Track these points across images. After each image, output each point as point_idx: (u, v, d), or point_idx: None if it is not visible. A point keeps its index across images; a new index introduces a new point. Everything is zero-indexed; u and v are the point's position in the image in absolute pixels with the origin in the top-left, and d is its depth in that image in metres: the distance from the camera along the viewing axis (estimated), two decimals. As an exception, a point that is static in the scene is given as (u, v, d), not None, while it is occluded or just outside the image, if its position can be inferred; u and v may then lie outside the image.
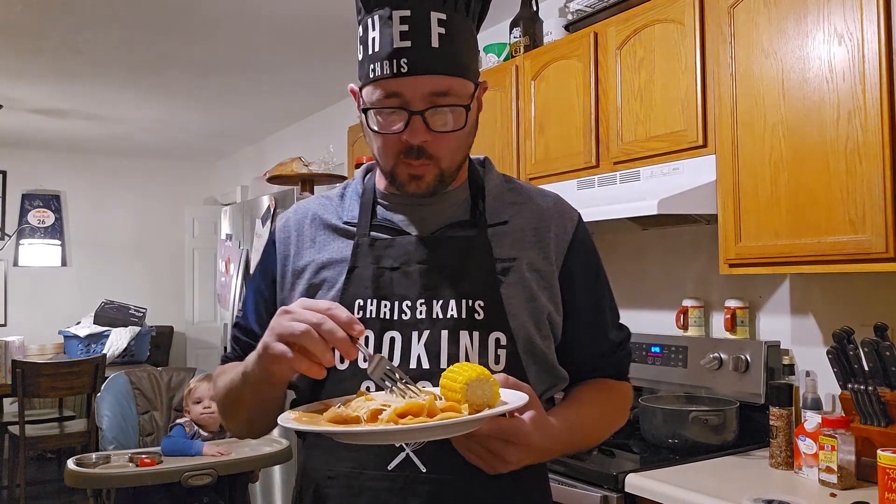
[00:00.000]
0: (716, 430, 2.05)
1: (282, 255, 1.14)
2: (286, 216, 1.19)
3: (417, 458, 0.99)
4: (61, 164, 6.69)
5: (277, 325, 0.89)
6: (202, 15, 3.37)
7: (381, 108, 0.99)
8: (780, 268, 1.89)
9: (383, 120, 1.00)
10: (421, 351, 1.01)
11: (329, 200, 1.16)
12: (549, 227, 1.11)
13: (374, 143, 1.04)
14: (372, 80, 0.98)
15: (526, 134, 2.67)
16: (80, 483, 2.43)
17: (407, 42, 0.96)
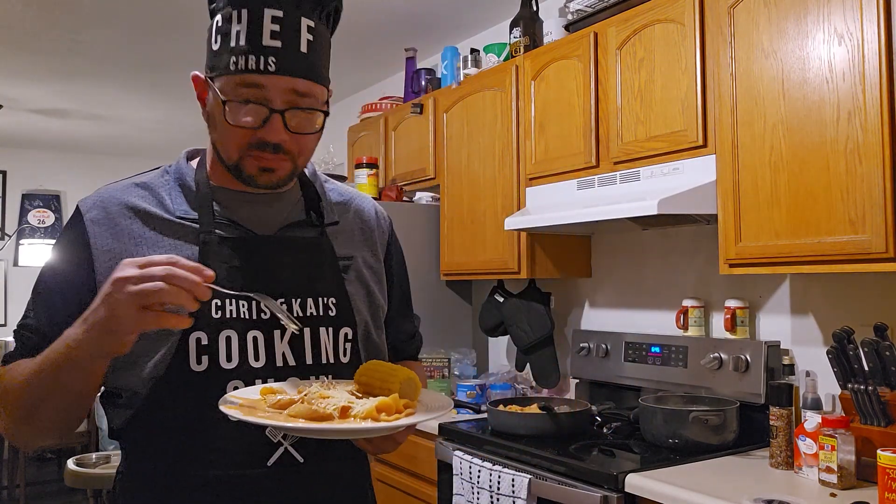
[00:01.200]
0: (716, 430, 2.05)
1: (100, 250, 1.02)
2: (93, 207, 1.05)
3: (295, 450, 1.02)
4: (61, 164, 6.69)
5: (124, 291, 0.83)
6: (202, 15, 3.37)
7: (241, 100, 0.98)
8: (780, 268, 1.89)
9: (236, 112, 0.99)
10: (285, 349, 1.04)
11: (146, 191, 1.07)
12: (373, 227, 1.21)
13: (222, 134, 1.02)
14: (234, 71, 0.97)
15: (526, 134, 2.67)
16: (80, 483, 2.43)
17: (277, 42, 0.97)
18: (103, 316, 0.86)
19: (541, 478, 2.02)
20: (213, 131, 1.04)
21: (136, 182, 1.09)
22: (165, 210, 1.06)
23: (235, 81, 0.98)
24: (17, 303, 6.43)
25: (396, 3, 3.25)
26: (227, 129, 1.00)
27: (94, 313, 0.87)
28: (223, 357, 1.00)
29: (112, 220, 1.04)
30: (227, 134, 1.01)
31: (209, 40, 1.01)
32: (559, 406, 2.38)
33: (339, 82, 4.53)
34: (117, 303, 0.84)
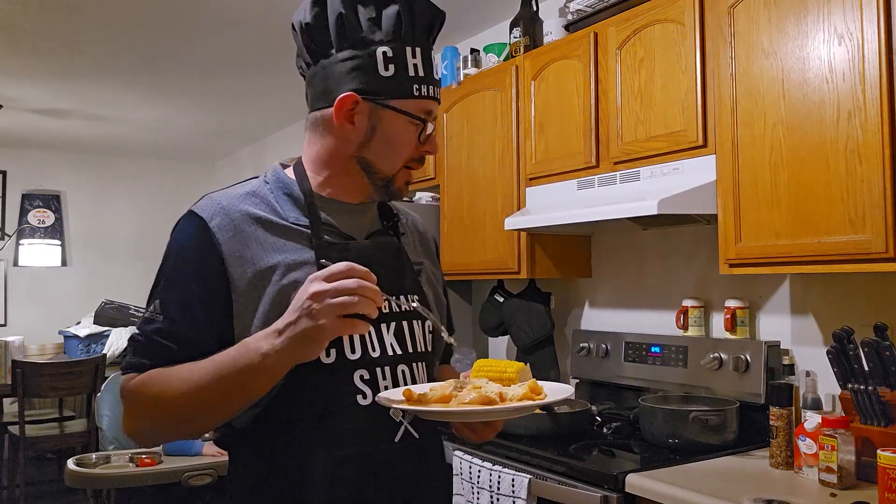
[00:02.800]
0: (716, 430, 2.05)
1: (233, 256, 1.10)
2: (215, 215, 1.13)
3: (412, 428, 1.16)
4: (61, 164, 6.69)
5: (325, 304, 0.96)
6: (202, 15, 3.37)
7: (424, 120, 1.16)
8: (780, 268, 1.89)
9: (409, 131, 1.16)
10: (392, 340, 1.18)
11: (257, 199, 1.17)
12: (427, 239, 1.37)
13: (395, 149, 1.17)
14: (418, 96, 1.15)
15: (526, 134, 2.67)
16: (80, 483, 2.43)
17: (438, 77, 1.21)
18: (307, 327, 0.97)
19: (541, 478, 2.02)
20: (371, 147, 1.16)
21: (245, 191, 1.18)
22: (279, 216, 1.15)
23: (419, 105, 1.16)
24: (18, 303, 6.44)
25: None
26: (403, 143, 1.16)
27: (294, 325, 0.98)
28: (348, 349, 1.12)
29: (237, 228, 1.12)
30: (402, 149, 1.17)
31: (371, 67, 1.13)
32: (559, 406, 2.38)
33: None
34: (320, 314, 0.96)
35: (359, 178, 1.19)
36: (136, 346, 1.11)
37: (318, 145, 1.20)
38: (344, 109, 1.14)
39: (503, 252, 2.76)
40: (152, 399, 1.07)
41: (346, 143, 1.16)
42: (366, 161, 1.17)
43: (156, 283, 1.17)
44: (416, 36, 1.16)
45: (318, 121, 1.19)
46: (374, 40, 1.14)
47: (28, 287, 6.49)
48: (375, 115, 1.15)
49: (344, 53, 1.14)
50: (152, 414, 1.09)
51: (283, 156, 4.72)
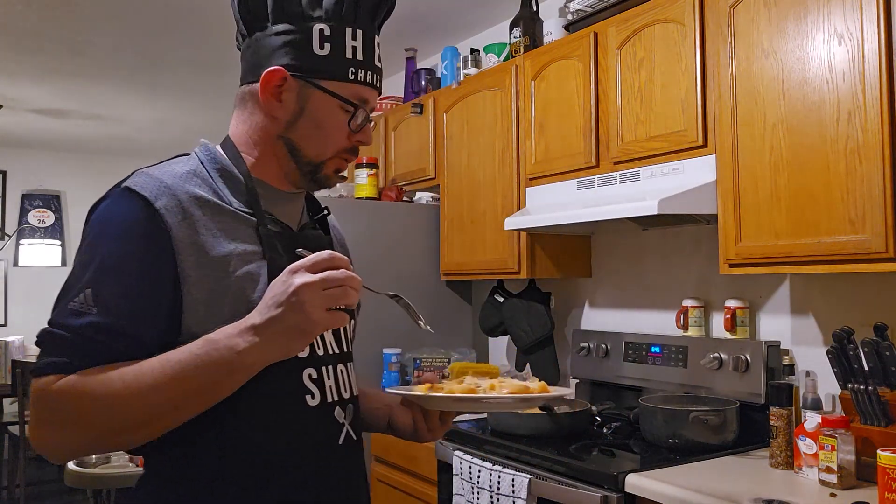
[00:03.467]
0: (716, 430, 2.05)
1: (183, 242, 0.99)
2: (160, 195, 1.01)
3: (352, 430, 1.13)
4: (61, 164, 6.69)
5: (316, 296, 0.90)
6: (202, 15, 3.38)
7: (357, 107, 1.09)
8: (780, 268, 1.89)
9: (339, 117, 1.09)
10: (331, 338, 1.14)
11: (198, 179, 1.06)
12: (341, 234, 1.32)
13: (325, 133, 1.09)
14: (353, 81, 1.08)
15: (526, 134, 2.67)
16: (80, 483, 2.43)
17: (380, 64, 1.13)
18: (295, 321, 0.91)
19: (541, 478, 2.02)
20: (297, 129, 1.08)
21: (186, 170, 1.08)
22: (222, 200, 1.06)
23: (352, 90, 1.08)
24: (18, 303, 6.44)
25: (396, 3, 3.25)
26: (333, 129, 1.09)
27: (279, 320, 0.91)
28: None
29: (186, 211, 1.01)
30: (331, 134, 1.09)
31: (305, 43, 1.06)
32: (559, 406, 2.38)
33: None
34: (311, 307, 0.90)
35: (286, 163, 1.10)
36: (57, 342, 0.94)
37: (246, 123, 1.12)
38: (271, 84, 1.07)
39: (503, 252, 2.76)
40: (86, 406, 0.92)
41: (273, 122, 1.09)
42: (292, 143, 1.09)
43: (81, 269, 0.99)
44: (359, 17, 1.09)
45: (246, 96, 1.13)
46: (312, 16, 1.07)
47: (28, 287, 6.49)
48: (304, 95, 1.07)
49: (279, 27, 1.08)
50: (82, 423, 0.93)
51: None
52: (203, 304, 0.98)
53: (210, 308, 0.98)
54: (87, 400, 0.92)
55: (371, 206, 3.14)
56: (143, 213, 0.99)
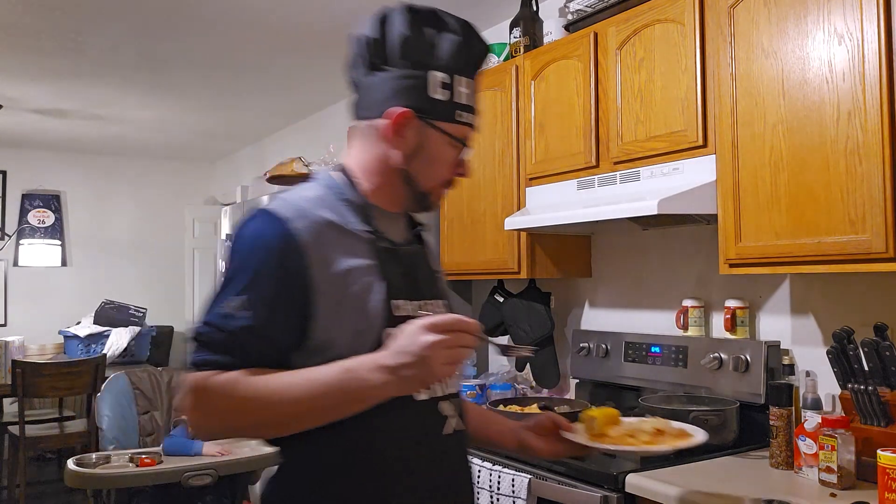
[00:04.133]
0: (716, 431, 2.05)
1: (316, 258, 1.16)
2: (296, 217, 1.17)
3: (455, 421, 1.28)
4: (61, 164, 6.69)
5: (440, 354, 1.04)
6: (202, 15, 3.37)
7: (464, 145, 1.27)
8: (780, 268, 1.89)
9: (448, 153, 1.26)
10: None
11: (325, 204, 1.23)
12: (433, 248, 1.44)
13: (435, 167, 1.26)
14: (460, 123, 1.25)
15: (526, 134, 2.67)
16: (80, 483, 2.43)
17: (478, 106, 1.29)
18: (420, 373, 1.06)
19: (541, 478, 2.02)
20: (414, 162, 1.24)
21: (315, 195, 1.24)
22: (345, 222, 1.22)
23: (459, 130, 1.25)
24: (18, 303, 6.44)
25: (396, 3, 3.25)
26: (442, 163, 1.26)
27: (408, 368, 1.05)
28: None
29: (318, 231, 1.17)
30: (441, 168, 1.27)
31: (423, 88, 1.22)
32: (559, 406, 2.38)
33: (339, 82, 4.52)
34: (435, 362, 1.05)
35: (399, 189, 1.27)
36: (214, 341, 1.12)
37: (367, 154, 1.27)
38: (398, 122, 1.22)
39: (503, 252, 2.76)
40: (238, 402, 1.10)
41: (395, 155, 1.24)
42: (409, 174, 1.25)
43: (233, 279, 1.16)
44: (468, 67, 1.25)
45: (368, 130, 1.26)
46: (430, 64, 1.22)
47: (28, 287, 6.49)
48: (423, 133, 1.23)
49: (402, 71, 1.22)
50: (239, 416, 1.12)
51: (284, 156, 4.72)
52: (330, 315, 1.15)
53: (334, 317, 1.15)
54: (245, 398, 1.10)
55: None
56: (282, 232, 1.16)
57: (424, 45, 1.22)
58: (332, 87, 4.59)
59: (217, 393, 1.10)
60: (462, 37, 1.24)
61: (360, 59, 1.26)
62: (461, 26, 1.25)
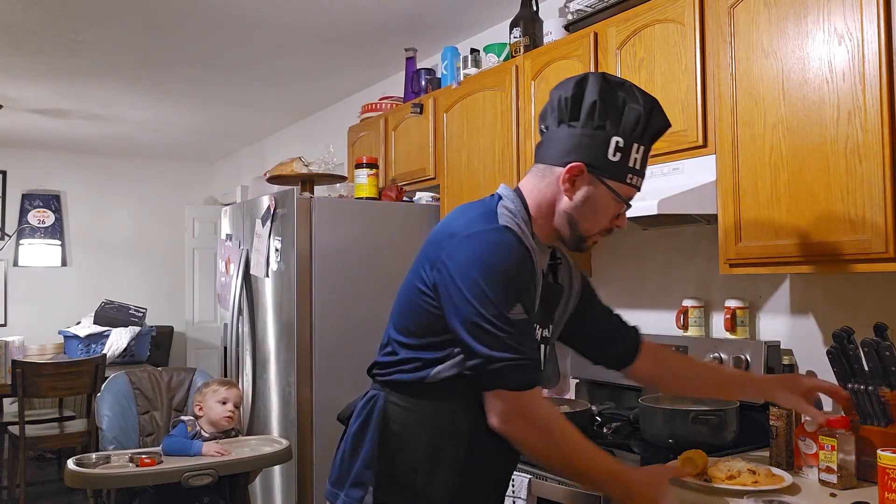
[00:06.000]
0: (716, 430, 2.05)
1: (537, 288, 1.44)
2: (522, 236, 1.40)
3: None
4: (61, 164, 6.69)
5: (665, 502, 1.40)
6: (202, 15, 3.38)
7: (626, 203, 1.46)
8: (780, 268, 1.89)
9: (611, 207, 1.45)
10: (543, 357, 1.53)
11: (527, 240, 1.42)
12: (579, 272, 1.70)
13: (596, 217, 1.45)
14: (628, 184, 1.43)
15: (526, 134, 2.67)
16: (80, 483, 2.42)
17: (647, 172, 1.48)
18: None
19: (541, 477, 2.02)
20: (581, 210, 1.44)
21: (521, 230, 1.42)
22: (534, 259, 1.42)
23: (626, 191, 1.43)
24: (18, 303, 6.44)
25: (396, 3, 3.25)
26: (604, 215, 1.45)
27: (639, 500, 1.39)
28: None
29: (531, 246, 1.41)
30: (601, 218, 1.46)
31: (603, 148, 1.39)
32: (559, 406, 2.38)
33: (339, 82, 4.54)
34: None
35: (564, 230, 1.47)
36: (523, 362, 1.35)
37: (541, 193, 1.46)
38: (572, 173, 1.41)
39: (503, 252, 2.76)
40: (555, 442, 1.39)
41: (565, 200, 1.43)
42: (573, 218, 1.45)
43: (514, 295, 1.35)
44: (645, 137, 1.41)
45: (546, 172, 1.46)
46: (612, 129, 1.39)
47: (28, 287, 6.50)
48: (592, 186, 1.41)
49: (586, 130, 1.39)
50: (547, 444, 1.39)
51: (283, 156, 4.72)
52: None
53: None
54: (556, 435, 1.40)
55: (371, 207, 3.14)
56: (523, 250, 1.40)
57: (611, 112, 1.38)
58: (332, 87, 4.59)
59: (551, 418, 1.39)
60: (644, 111, 1.40)
61: (555, 112, 1.43)
62: (646, 101, 1.41)
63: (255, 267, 3.22)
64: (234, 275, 3.34)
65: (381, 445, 1.44)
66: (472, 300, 1.32)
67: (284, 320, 2.97)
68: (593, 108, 1.38)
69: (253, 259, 3.25)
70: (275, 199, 3.11)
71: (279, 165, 3.37)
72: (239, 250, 3.39)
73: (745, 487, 1.67)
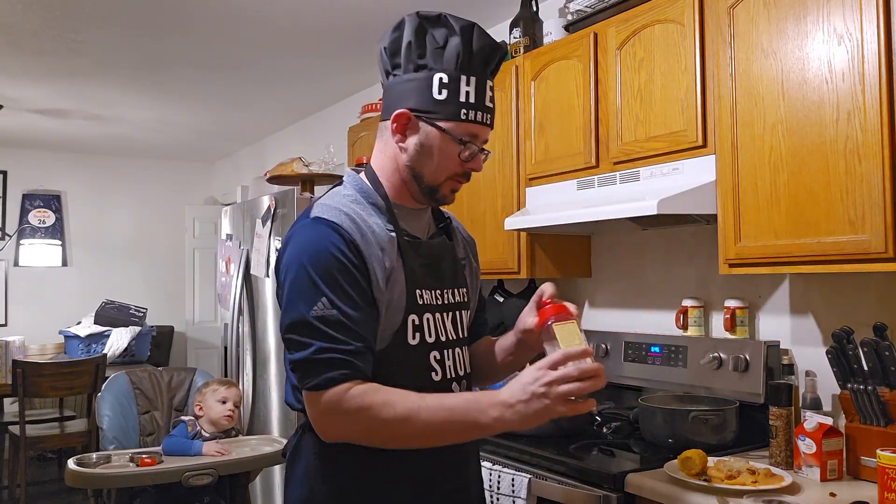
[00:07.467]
0: (716, 430, 2.05)
1: (370, 257, 1.27)
2: (346, 221, 1.28)
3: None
4: (61, 164, 6.69)
5: (557, 391, 1.13)
6: (202, 15, 3.38)
7: (467, 142, 1.32)
8: (779, 268, 1.90)
9: (451, 149, 1.32)
10: (450, 327, 1.39)
11: (358, 207, 1.33)
12: (469, 240, 1.55)
13: (438, 163, 1.32)
14: (464, 120, 1.31)
15: (526, 134, 2.67)
16: (80, 483, 2.43)
17: (491, 104, 1.36)
18: (539, 407, 1.14)
19: (541, 477, 2.02)
20: (418, 159, 1.33)
21: (350, 200, 1.33)
22: (375, 223, 1.31)
23: (463, 128, 1.31)
24: (18, 303, 6.44)
25: (397, 3, 3.25)
26: (446, 159, 1.32)
27: (526, 404, 1.15)
28: (426, 334, 1.34)
29: (364, 235, 1.28)
30: (445, 163, 1.33)
31: (426, 89, 1.29)
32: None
33: (339, 82, 4.54)
34: (553, 402, 1.14)
35: (411, 186, 1.36)
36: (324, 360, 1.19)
37: (383, 154, 1.38)
38: (399, 123, 1.32)
39: (503, 252, 2.76)
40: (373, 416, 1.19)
41: (401, 153, 1.34)
42: (414, 170, 1.34)
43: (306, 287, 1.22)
44: (473, 66, 1.31)
45: (382, 130, 1.38)
46: (434, 67, 1.30)
47: (28, 287, 6.50)
48: (423, 132, 1.31)
49: (408, 75, 1.31)
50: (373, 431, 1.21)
51: (284, 156, 4.72)
52: (383, 309, 1.27)
53: (382, 314, 1.28)
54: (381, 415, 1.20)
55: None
56: (343, 237, 1.26)
57: (429, 50, 1.29)
58: (332, 87, 4.59)
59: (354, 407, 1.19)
60: (463, 39, 1.29)
61: (381, 65, 1.36)
62: (462, 28, 1.30)
63: (255, 267, 3.23)
64: (235, 275, 3.34)
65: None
66: (283, 311, 1.26)
67: (284, 320, 2.97)
68: (409, 49, 1.30)
69: (253, 259, 3.25)
70: (275, 199, 3.11)
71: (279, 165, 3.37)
72: (239, 250, 3.39)
73: (745, 487, 1.66)
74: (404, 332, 1.31)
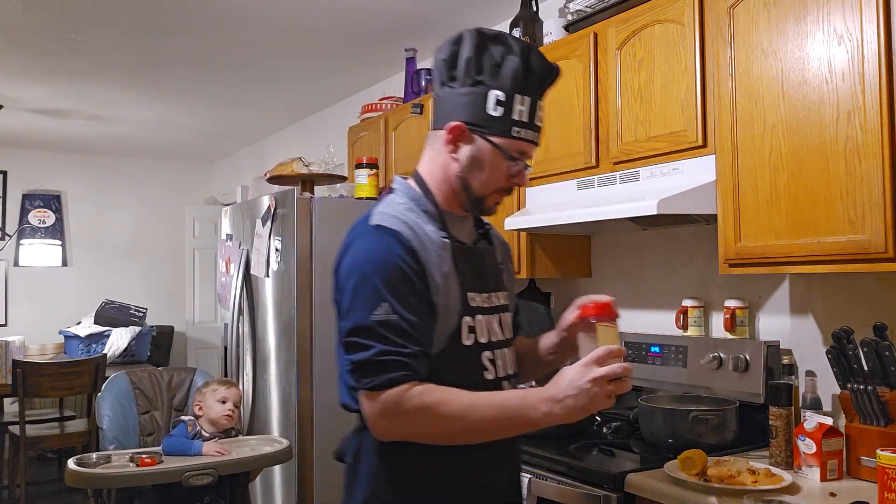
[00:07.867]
0: (716, 430, 2.05)
1: (428, 263, 1.32)
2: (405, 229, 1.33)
3: None
4: (61, 164, 6.69)
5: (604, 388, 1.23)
6: (202, 14, 3.38)
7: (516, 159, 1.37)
8: (779, 268, 1.90)
9: (501, 164, 1.37)
10: (498, 328, 1.44)
11: (413, 214, 1.38)
12: (506, 245, 1.60)
13: (488, 175, 1.37)
14: (515, 137, 1.35)
15: (526, 134, 2.67)
16: (80, 483, 2.43)
17: (540, 123, 1.40)
18: (585, 403, 1.23)
19: (541, 477, 2.02)
20: (469, 170, 1.37)
21: (405, 208, 1.38)
22: (430, 229, 1.37)
23: (515, 145, 1.36)
24: (18, 303, 6.44)
25: (396, 3, 3.25)
26: (495, 173, 1.37)
27: (574, 399, 1.22)
28: (480, 335, 1.38)
29: (422, 242, 1.33)
30: (493, 177, 1.37)
31: (482, 104, 1.34)
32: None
33: (339, 82, 4.54)
34: (598, 397, 1.23)
35: (460, 195, 1.40)
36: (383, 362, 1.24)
37: (434, 162, 1.42)
38: (453, 134, 1.36)
39: (503, 252, 2.76)
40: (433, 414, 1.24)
41: (453, 163, 1.38)
42: (464, 181, 1.38)
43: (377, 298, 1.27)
44: (528, 86, 1.35)
45: (434, 139, 1.42)
46: (490, 84, 1.34)
47: (28, 287, 6.50)
48: (476, 145, 1.36)
49: (464, 88, 1.35)
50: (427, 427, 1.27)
51: (283, 156, 4.72)
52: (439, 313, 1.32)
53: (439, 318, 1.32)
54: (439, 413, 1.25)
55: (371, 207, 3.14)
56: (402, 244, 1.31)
57: (486, 66, 1.33)
58: (332, 87, 4.60)
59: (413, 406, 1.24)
60: (521, 59, 1.34)
61: (437, 75, 1.40)
62: (522, 49, 1.34)
63: (255, 267, 3.23)
64: (235, 275, 3.34)
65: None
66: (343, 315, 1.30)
67: (284, 320, 2.97)
68: (468, 64, 1.34)
69: (253, 259, 3.25)
70: (275, 199, 3.11)
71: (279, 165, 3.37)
72: (239, 250, 3.39)
73: (745, 487, 1.66)
74: (459, 334, 1.35)
